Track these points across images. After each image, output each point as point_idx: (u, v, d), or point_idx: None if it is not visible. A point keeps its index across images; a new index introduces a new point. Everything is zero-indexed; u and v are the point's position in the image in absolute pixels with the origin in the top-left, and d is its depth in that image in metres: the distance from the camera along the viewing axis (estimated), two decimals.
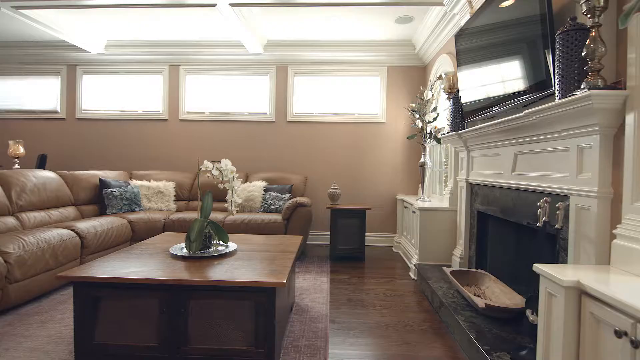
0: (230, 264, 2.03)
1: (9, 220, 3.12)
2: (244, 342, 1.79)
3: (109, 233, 3.42)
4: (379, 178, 5.00)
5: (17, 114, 5.34)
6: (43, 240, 2.75)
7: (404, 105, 4.94)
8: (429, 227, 3.44)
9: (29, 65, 5.30)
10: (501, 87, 2.36)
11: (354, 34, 4.63)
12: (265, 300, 1.76)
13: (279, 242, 2.64)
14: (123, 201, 4.09)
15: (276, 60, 5.02)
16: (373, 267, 3.86)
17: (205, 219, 2.22)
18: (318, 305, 2.73)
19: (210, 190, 2.45)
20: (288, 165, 5.07)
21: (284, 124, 5.07)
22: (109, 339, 1.85)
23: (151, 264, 2.00)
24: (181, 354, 1.80)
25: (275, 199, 4.27)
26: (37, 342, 2.12)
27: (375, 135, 5.00)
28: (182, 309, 1.80)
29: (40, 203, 3.47)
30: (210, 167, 2.28)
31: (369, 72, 4.99)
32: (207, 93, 5.15)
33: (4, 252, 2.44)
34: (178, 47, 5.01)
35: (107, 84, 5.25)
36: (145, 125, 5.20)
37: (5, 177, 3.26)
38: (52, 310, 2.58)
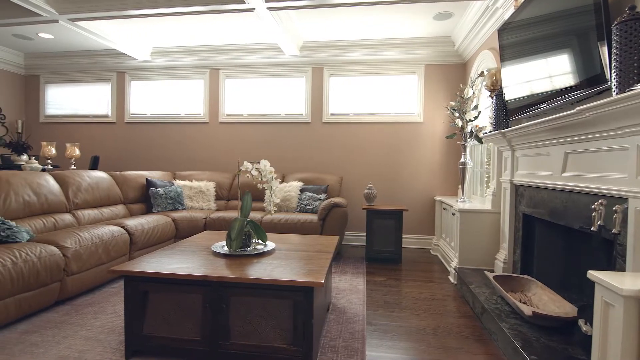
0: (268, 262, 2.07)
1: (66, 217, 3.37)
2: (282, 340, 1.81)
3: (155, 230, 3.61)
4: (416, 179, 4.89)
5: (74, 119, 5.76)
6: (96, 236, 2.94)
7: (442, 103, 4.81)
8: (470, 230, 3.32)
9: (84, 73, 5.70)
10: (549, 83, 2.23)
11: (389, 32, 4.57)
12: (303, 299, 1.78)
13: (315, 242, 2.66)
14: (167, 200, 4.30)
15: (312, 61, 5.06)
16: (410, 270, 3.79)
17: (245, 218, 2.28)
18: (355, 307, 2.72)
19: (249, 191, 2.51)
20: (323, 166, 5.10)
21: (319, 124, 5.10)
22: (156, 331, 1.94)
23: (195, 261, 2.08)
24: (222, 348, 1.86)
25: (311, 199, 4.31)
26: (91, 331, 2.27)
27: (412, 135, 4.90)
28: (223, 305, 1.86)
29: (94, 201, 3.72)
30: (249, 167, 2.34)
31: (406, 71, 4.90)
32: (245, 96, 5.29)
33: (62, 247, 2.64)
34: (218, 52, 5.18)
35: (152, 89, 5.54)
36: (188, 128, 5.43)
37: (63, 177, 3.53)
38: (104, 302, 2.76)
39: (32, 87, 5.91)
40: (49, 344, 2.10)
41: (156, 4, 3.70)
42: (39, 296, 2.42)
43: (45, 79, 5.85)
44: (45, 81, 5.86)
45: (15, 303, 2.27)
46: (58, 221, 3.25)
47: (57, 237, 2.70)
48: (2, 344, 2.09)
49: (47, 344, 2.10)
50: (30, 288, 2.35)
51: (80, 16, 3.92)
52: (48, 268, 2.46)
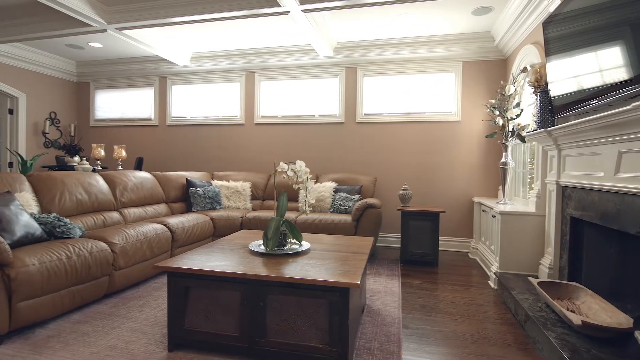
0: (304, 262, 2.09)
1: (114, 215, 3.58)
2: (318, 340, 1.82)
3: (194, 228, 3.75)
4: (454, 179, 4.75)
5: (120, 122, 6.11)
6: (141, 234, 3.10)
7: (481, 101, 4.64)
8: (512, 233, 3.18)
9: (129, 79, 6.03)
10: (599, 78, 2.09)
11: (425, 30, 4.47)
12: (339, 299, 1.78)
13: (350, 242, 2.65)
14: (206, 200, 4.45)
15: (345, 62, 5.05)
16: (447, 273, 3.68)
17: (281, 218, 2.32)
18: (390, 309, 2.68)
19: (284, 191, 2.55)
20: (357, 166, 5.07)
21: (353, 125, 5.08)
22: (197, 325, 2.02)
23: (233, 259, 2.14)
24: (259, 345, 1.90)
25: (344, 200, 4.30)
26: (136, 323, 2.39)
27: (449, 135, 4.76)
28: (260, 303, 1.89)
29: (139, 200, 3.92)
30: (285, 168, 2.38)
31: (442, 69, 4.78)
32: (280, 97, 5.37)
33: (111, 243, 2.80)
34: (253, 55, 5.30)
35: (192, 92, 5.76)
36: (225, 130, 5.60)
37: (111, 178, 3.75)
38: (148, 296, 2.90)
39: (83, 93, 6.33)
40: (99, 334, 2.23)
41: (195, 10, 3.84)
42: (90, 289, 2.59)
43: (94, 85, 6.24)
44: (94, 87, 6.25)
45: (69, 295, 2.44)
46: (107, 219, 3.46)
47: (106, 234, 2.87)
48: (58, 332, 2.25)
49: (97, 334, 2.24)
50: (83, 281, 2.52)
51: (126, 25, 4.15)
52: (98, 263, 2.62)
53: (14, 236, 2.35)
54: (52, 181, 3.10)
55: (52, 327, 2.32)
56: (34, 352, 2.01)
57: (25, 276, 2.14)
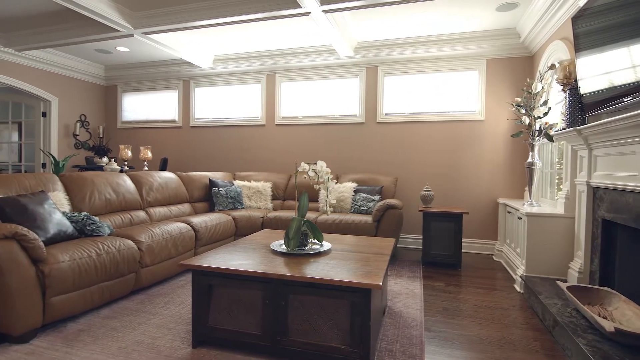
0: (325, 262, 2.09)
1: (140, 213, 3.69)
2: (339, 341, 1.82)
3: (217, 228, 3.82)
4: (477, 180, 4.65)
5: (146, 124, 6.29)
6: (166, 232, 3.18)
7: (506, 100, 4.52)
8: (539, 236, 3.08)
9: (154, 82, 6.20)
10: (633, 74, 2.00)
11: (447, 27, 4.39)
12: (360, 300, 1.77)
13: (371, 243, 2.63)
14: (228, 199, 4.53)
15: (366, 61, 5.02)
16: (470, 276, 3.61)
17: (302, 218, 2.33)
18: (412, 311, 2.65)
19: (305, 191, 2.56)
20: (378, 167, 5.04)
21: (373, 125, 5.05)
22: (220, 323, 2.05)
23: (255, 258, 2.16)
24: (281, 344, 1.92)
25: (365, 200, 4.28)
26: (162, 319, 2.46)
27: (472, 134, 4.66)
28: (282, 302, 1.91)
29: (164, 199, 4.03)
30: (306, 168, 2.39)
31: (465, 67, 4.68)
32: (300, 98, 5.39)
33: (137, 241, 2.89)
34: (274, 56, 5.34)
35: (214, 94, 5.86)
36: (246, 131, 5.67)
37: (138, 178, 3.86)
38: (172, 293, 2.97)
39: (111, 96, 6.55)
40: (127, 329, 2.31)
41: (218, 14, 3.91)
42: (118, 285, 2.68)
43: (122, 88, 6.46)
44: (122, 90, 6.46)
45: (99, 290, 2.53)
46: (134, 217, 3.57)
47: (133, 232, 2.96)
48: (88, 326, 2.34)
49: (125, 329, 2.31)
50: (111, 277, 2.61)
51: (151, 29, 4.27)
52: (126, 260, 2.70)
53: (47, 234, 2.46)
54: (82, 181, 3.23)
55: (83, 321, 2.42)
56: (66, 345, 2.09)
57: (58, 272, 2.24)
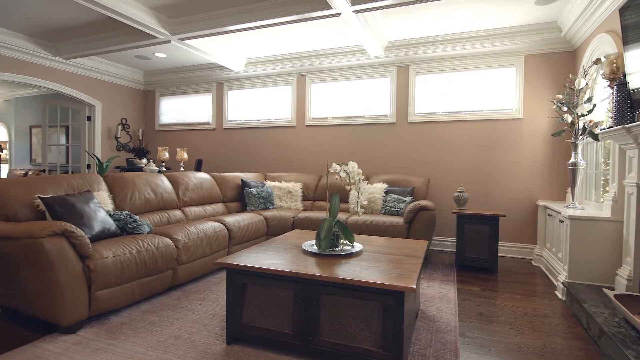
0: (357, 264, 2.08)
1: (177, 213, 3.83)
2: (371, 343, 1.81)
3: (249, 227, 3.90)
4: (515, 181, 4.46)
5: (182, 127, 6.53)
6: (201, 231, 3.29)
7: (546, 97, 4.31)
8: (583, 240, 2.91)
9: (189, 86, 6.42)
10: None
11: (482, 23, 4.25)
12: (393, 303, 1.75)
13: (402, 245, 2.59)
14: (260, 200, 4.61)
15: (397, 61, 4.96)
16: (507, 281, 3.47)
17: (334, 218, 2.33)
18: (445, 316, 2.58)
19: (337, 192, 2.56)
20: (409, 167, 4.95)
21: (404, 125, 4.97)
22: (253, 321, 2.09)
23: (287, 258, 2.19)
24: (313, 344, 1.93)
25: (396, 202, 4.22)
26: (197, 315, 2.54)
27: (509, 133, 4.48)
28: (314, 302, 1.92)
29: (198, 199, 4.17)
30: (338, 169, 2.39)
31: (501, 64, 4.51)
32: (330, 99, 5.40)
33: (175, 239, 3.00)
34: (304, 58, 5.39)
35: (246, 97, 5.99)
36: (277, 132, 5.75)
37: (175, 178, 4.01)
38: (207, 290, 3.06)
39: (150, 100, 6.85)
40: (165, 323, 2.40)
41: (250, 18, 3.99)
42: (156, 281, 2.79)
43: (159, 92, 6.74)
44: (159, 94, 6.75)
45: (139, 286, 2.65)
46: (171, 216, 3.71)
47: (170, 231, 3.08)
48: (129, 320, 2.45)
49: (163, 323, 2.40)
50: (150, 274, 2.72)
51: (187, 35, 4.42)
52: (164, 257, 2.82)
53: (93, 231, 2.61)
54: (124, 181, 3.40)
55: (124, 315, 2.54)
56: (109, 337, 2.21)
57: (103, 267, 2.37)
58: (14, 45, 4.87)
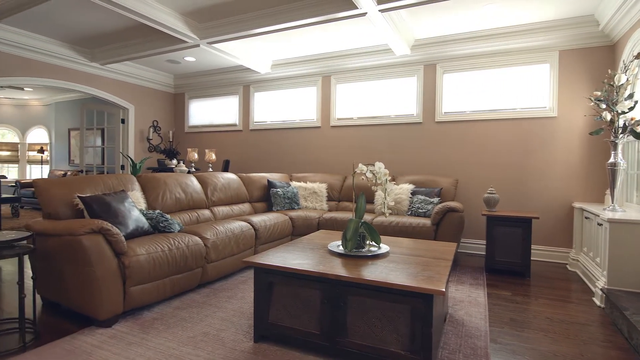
0: (384, 265, 2.06)
1: (206, 212, 3.92)
2: (399, 345, 1.79)
3: (275, 227, 3.94)
4: (549, 182, 4.29)
5: (210, 128, 6.70)
6: (229, 230, 3.35)
7: (583, 94, 4.12)
8: (624, 244, 2.76)
9: (217, 88, 6.57)
10: None
11: (513, 19, 4.11)
12: (421, 306, 1.72)
13: (430, 247, 2.55)
14: (285, 200, 4.65)
15: (424, 59, 4.87)
16: (541, 286, 3.33)
17: (360, 219, 2.32)
18: (475, 320, 2.51)
19: (363, 192, 2.54)
20: (436, 168, 4.86)
21: (431, 124, 4.88)
22: (280, 320, 2.11)
23: (313, 258, 2.20)
24: (340, 345, 1.92)
25: (423, 203, 4.15)
26: (226, 313, 2.59)
27: (543, 132, 4.31)
28: (341, 303, 1.92)
29: (226, 199, 4.25)
30: (364, 169, 2.37)
31: (534, 60, 4.34)
32: (355, 99, 5.38)
33: (204, 238, 3.08)
34: (329, 59, 5.40)
35: (272, 98, 6.07)
36: (302, 133, 5.79)
37: (204, 178, 4.12)
38: (234, 288, 3.12)
39: (179, 102, 7.07)
40: (194, 320, 2.46)
41: (276, 20, 4.04)
42: (186, 279, 2.87)
43: (188, 95, 6.93)
44: (188, 97, 6.94)
45: (170, 283, 2.73)
46: (200, 215, 3.81)
47: (200, 229, 3.16)
48: (161, 315, 2.54)
49: (193, 320, 2.47)
50: (181, 271, 2.81)
51: (215, 39, 4.53)
52: (194, 255, 2.89)
53: (127, 229, 2.72)
54: (156, 181, 3.52)
55: (156, 310, 2.63)
56: (142, 332, 2.29)
57: (137, 264, 2.46)
58: (54, 52, 5.15)
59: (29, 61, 5.00)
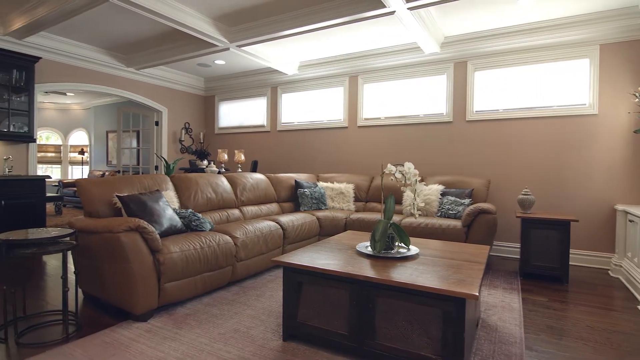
0: (413, 267, 2.03)
1: (235, 212, 4.01)
2: (430, 350, 1.75)
3: (302, 227, 3.97)
4: (588, 183, 4.07)
5: (239, 129, 6.84)
6: (258, 230, 3.41)
7: (627, 90, 3.88)
8: None
9: (245, 90, 6.70)
10: None
11: (549, 13, 3.94)
12: (453, 310, 1.68)
13: (461, 250, 2.48)
14: (312, 200, 4.68)
15: (453, 57, 4.76)
16: (580, 292, 3.17)
17: (389, 220, 2.29)
18: (509, 326, 2.43)
19: (392, 193, 2.51)
20: (467, 168, 4.73)
21: (462, 123, 4.75)
22: (308, 319, 2.12)
23: (341, 259, 2.20)
24: (368, 347, 1.91)
25: (453, 204, 4.05)
26: (255, 311, 2.63)
27: (582, 130, 4.10)
28: (369, 305, 1.90)
29: (255, 199, 4.33)
30: (393, 170, 2.35)
31: (572, 55, 4.14)
32: (383, 99, 5.33)
33: (234, 237, 3.14)
34: (356, 59, 5.37)
35: (299, 99, 6.12)
36: (329, 133, 5.80)
37: (233, 179, 4.21)
38: (263, 287, 3.17)
39: (210, 105, 7.26)
40: (225, 317, 2.52)
41: (304, 22, 4.06)
42: (217, 276, 2.94)
43: (218, 97, 7.11)
44: (218, 99, 7.12)
45: (202, 280, 2.81)
46: (230, 215, 3.89)
47: (230, 229, 3.23)
48: (193, 312, 2.61)
49: (224, 316, 2.53)
50: (212, 269, 2.88)
51: (244, 42, 4.62)
52: (224, 254, 2.96)
53: (162, 227, 2.82)
54: (188, 181, 3.63)
55: (189, 306, 2.71)
56: (176, 327, 2.37)
57: (171, 261, 2.54)
58: (95, 59, 5.42)
59: (72, 68, 5.29)
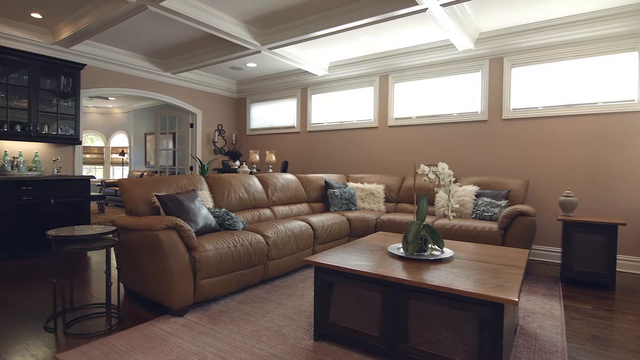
0: (448, 270, 1.98)
1: (266, 211, 4.07)
2: (465, 356, 1.70)
3: (332, 227, 3.97)
4: (636, 183, 3.81)
5: (269, 130, 6.95)
6: (289, 229, 3.45)
7: None
8: None
9: (276, 92, 6.79)
10: None
11: (592, 4, 3.71)
12: (490, 315, 1.62)
13: (498, 253, 2.39)
14: (342, 200, 4.67)
15: (489, 53, 4.59)
16: (629, 301, 2.97)
17: (422, 222, 2.25)
18: (550, 335, 2.31)
19: (424, 194, 2.46)
20: (504, 169, 4.55)
21: (498, 122, 4.58)
22: (339, 320, 2.12)
23: (373, 260, 2.18)
24: (400, 350, 1.88)
25: (489, 206, 3.91)
26: (286, 310, 2.66)
27: (630, 128, 3.84)
28: (402, 307, 1.87)
29: (286, 199, 4.38)
30: (426, 170, 2.30)
31: (619, 48, 3.88)
32: (414, 98, 5.23)
33: (265, 236, 3.19)
34: (387, 58, 5.31)
35: (329, 100, 6.12)
36: (359, 133, 5.77)
37: (265, 179, 4.28)
38: (294, 286, 3.20)
39: (241, 107, 7.42)
40: (257, 315, 2.57)
41: (334, 22, 4.06)
42: (249, 275, 3.00)
43: (250, 99, 7.25)
44: (250, 102, 7.26)
45: (235, 278, 2.88)
46: (261, 214, 3.96)
47: (261, 228, 3.29)
48: (227, 308, 2.68)
49: (256, 314, 2.57)
50: (244, 267, 2.94)
51: (275, 44, 4.68)
52: (256, 252, 3.02)
53: (197, 226, 2.91)
54: (222, 182, 3.73)
55: (222, 303, 2.78)
56: (210, 323, 2.43)
57: (205, 259, 2.62)
58: (135, 64, 5.69)
59: (114, 73, 5.57)
